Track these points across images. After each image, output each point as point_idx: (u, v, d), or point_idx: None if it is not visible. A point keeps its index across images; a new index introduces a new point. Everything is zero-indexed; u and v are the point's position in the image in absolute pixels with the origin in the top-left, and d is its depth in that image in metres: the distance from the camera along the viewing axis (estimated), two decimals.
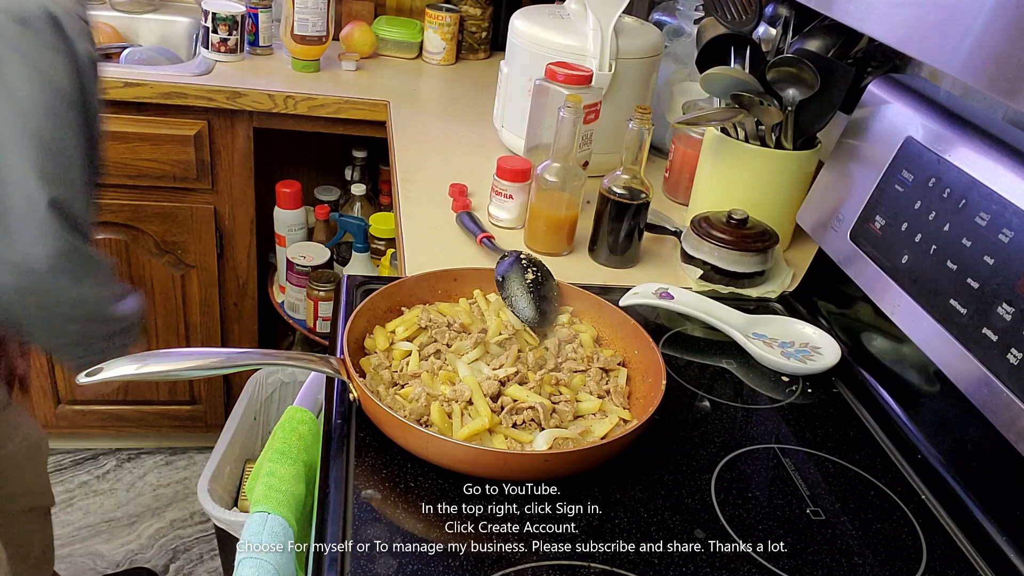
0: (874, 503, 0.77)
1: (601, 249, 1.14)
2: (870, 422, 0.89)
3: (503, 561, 0.66)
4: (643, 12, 1.78)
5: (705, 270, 1.09)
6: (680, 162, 1.33)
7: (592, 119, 1.23)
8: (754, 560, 0.69)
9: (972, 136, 0.84)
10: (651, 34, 1.38)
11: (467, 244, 1.14)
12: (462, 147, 1.50)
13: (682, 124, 1.14)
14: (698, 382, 0.92)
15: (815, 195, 1.06)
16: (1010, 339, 0.72)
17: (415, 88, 1.82)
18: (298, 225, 1.94)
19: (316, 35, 1.76)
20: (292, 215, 1.92)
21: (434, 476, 0.73)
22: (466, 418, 0.75)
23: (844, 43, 1.10)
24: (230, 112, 1.64)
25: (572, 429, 0.76)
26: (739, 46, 1.14)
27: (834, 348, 0.97)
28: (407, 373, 0.81)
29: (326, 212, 1.95)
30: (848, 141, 1.01)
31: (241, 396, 1.80)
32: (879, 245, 0.91)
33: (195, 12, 1.76)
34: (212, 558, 1.84)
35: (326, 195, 2.02)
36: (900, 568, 0.71)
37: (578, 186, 1.12)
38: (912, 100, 0.93)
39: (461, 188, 1.25)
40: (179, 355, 0.74)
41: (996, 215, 0.77)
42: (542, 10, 1.40)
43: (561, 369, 0.85)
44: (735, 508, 0.74)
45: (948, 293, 0.80)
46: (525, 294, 0.89)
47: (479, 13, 1.99)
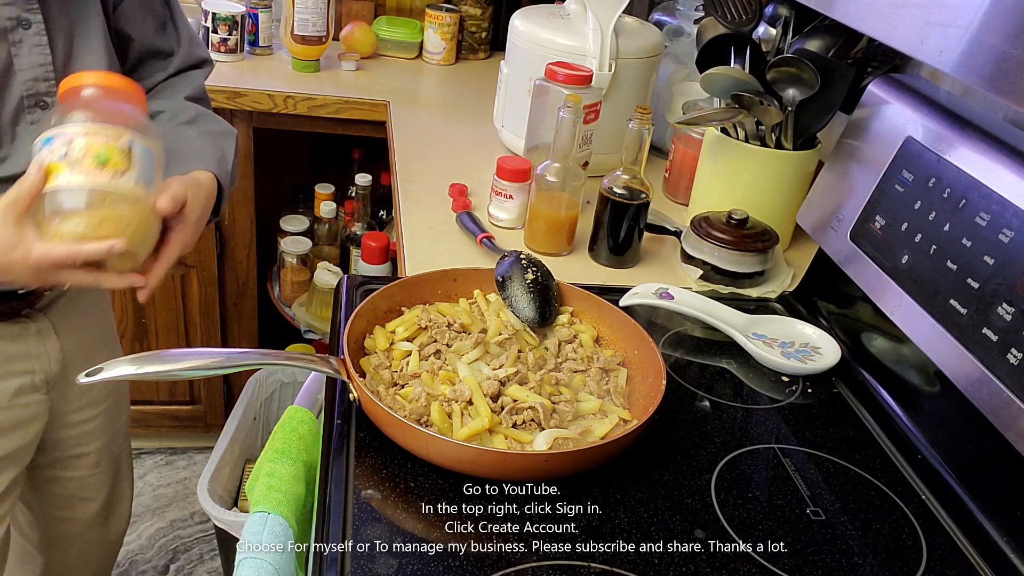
0: (874, 503, 0.77)
1: (601, 249, 1.14)
2: (870, 422, 0.88)
3: (503, 561, 0.66)
4: (643, 12, 1.78)
5: (705, 270, 1.09)
6: (680, 162, 1.33)
7: (592, 119, 1.23)
8: (754, 560, 0.69)
9: (972, 136, 0.84)
10: (651, 34, 1.38)
11: (467, 244, 1.14)
12: (462, 147, 1.50)
13: (682, 124, 1.14)
14: (698, 382, 0.92)
15: (815, 195, 1.06)
16: (1010, 339, 0.72)
17: (415, 88, 1.82)
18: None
19: (316, 35, 1.76)
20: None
21: (434, 476, 0.73)
22: (466, 418, 0.75)
23: (844, 43, 1.10)
24: (230, 112, 1.64)
25: (572, 429, 0.76)
26: (739, 46, 1.14)
27: (834, 348, 0.97)
28: (407, 373, 0.81)
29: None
30: (848, 141, 1.01)
31: (241, 396, 1.80)
32: (879, 245, 0.91)
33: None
34: (212, 558, 1.84)
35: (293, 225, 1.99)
36: (900, 568, 0.71)
37: (578, 186, 1.12)
38: (912, 100, 0.93)
39: (461, 188, 1.25)
40: (179, 355, 0.74)
41: (996, 215, 0.77)
42: (542, 10, 1.40)
43: (561, 369, 0.85)
44: (735, 508, 0.74)
45: (948, 293, 0.80)
46: (525, 294, 0.89)
47: (479, 13, 1.99)
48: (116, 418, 1.24)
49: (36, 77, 0.88)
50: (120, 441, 1.28)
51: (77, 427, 1.17)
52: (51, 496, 1.23)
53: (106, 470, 1.26)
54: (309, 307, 1.93)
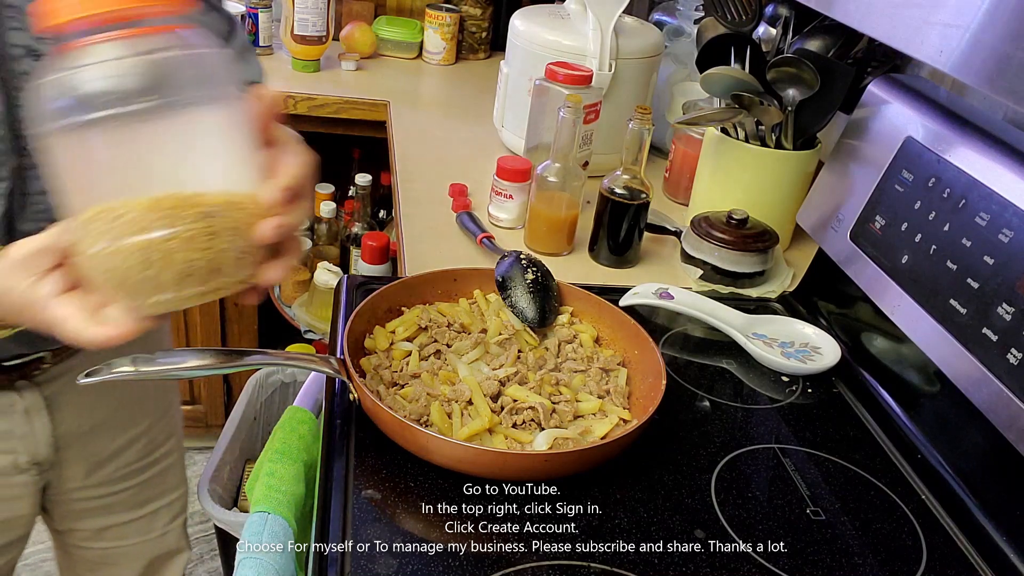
0: (874, 503, 0.77)
1: (601, 249, 1.14)
2: (870, 422, 0.88)
3: (503, 561, 0.66)
4: (643, 12, 1.78)
5: (705, 270, 1.09)
6: (680, 162, 1.33)
7: (592, 119, 1.23)
8: (754, 560, 0.69)
9: (972, 136, 0.84)
10: (651, 34, 1.38)
11: (467, 244, 1.14)
12: (462, 147, 1.50)
13: (682, 124, 1.14)
14: (698, 382, 0.92)
15: (815, 195, 1.06)
16: (1010, 339, 0.72)
17: (415, 88, 1.82)
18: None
19: (316, 35, 1.76)
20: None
21: (434, 476, 0.73)
22: (466, 418, 0.75)
23: (844, 43, 1.10)
24: None
25: (572, 429, 0.76)
26: (739, 46, 1.13)
27: (834, 348, 0.97)
28: (407, 373, 0.81)
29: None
30: (848, 141, 1.01)
31: (241, 396, 1.80)
32: (879, 245, 0.91)
33: None
34: (212, 558, 1.84)
35: None
36: (900, 568, 0.71)
37: (578, 186, 1.12)
38: (912, 100, 0.93)
39: (461, 188, 1.25)
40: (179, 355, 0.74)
41: (996, 215, 0.77)
42: (542, 10, 1.40)
43: (561, 369, 0.85)
44: (735, 508, 0.74)
45: (948, 293, 0.80)
46: (525, 294, 0.89)
47: (479, 13, 1.99)
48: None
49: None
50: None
51: (90, 501, 1.05)
52: (79, 560, 1.14)
53: (134, 546, 1.13)
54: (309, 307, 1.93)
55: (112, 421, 1.02)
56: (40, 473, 0.96)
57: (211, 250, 0.52)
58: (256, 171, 0.56)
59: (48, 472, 0.98)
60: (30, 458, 0.93)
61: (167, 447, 1.14)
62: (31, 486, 0.96)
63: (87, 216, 0.52)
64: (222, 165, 0.54)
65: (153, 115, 0.51)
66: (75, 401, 0.95)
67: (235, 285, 0.56)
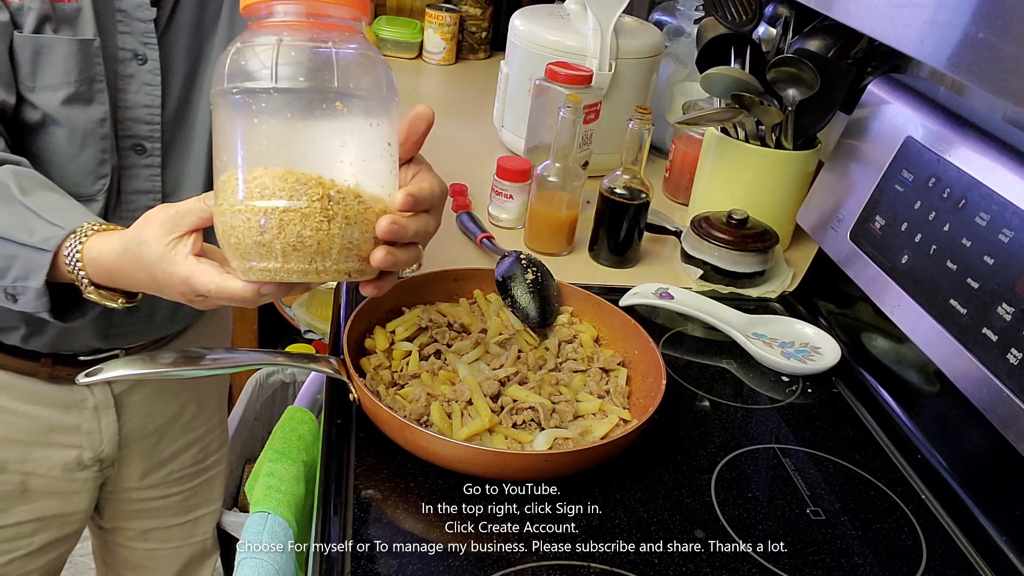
0: (874, 503, 0.77)
1: (601, 249, 1.14)
2: (870, 422, 0.88)
3: (503, 561, 0.66)
4: (643, 12, 1.78)
5: (705, 270, 1.09)
6: (680, 162, 1.33)
7: (592, 119, 1.23)
8: (754, 560, 0.69)
9: (972, 136, 0.84)
10: (651, 34, 1.38)
11: (467, 244, 1.14)
12: (462, 147, 1.49)
13: (682, 124, 1.14)
14: (698, 382, 0.92)
15: (815, 195, 1.06)
16: (1010, 339, 0.72)
17: (415, 88, 1.82)
18: None
19: None
20: None
21: (434, 476, 0.73)
22: (466, 418, 0.75)
23: (844, 43, 1.10)
24: None
25: (572, 429, 0.76)
26: (739, 46, 1.13)
27: (834, 348, 0.97)
28: (407, 373, 0.81)
29: None
30: (848, 141, 1.01)
31: (241, 396, 1.80)
32: (879, 245, 0.91)
33: None
34: None
35: None
36: (900, 568, 0.71)
37: (578, 186, 1.12)
38: (912, 100, 0.93)
39: (461, 188, 1.25)
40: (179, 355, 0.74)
41: (996, 215, 0.77)
42: (542, 10, 1.40)
43: (561, 369, 0.85)
44: (735, 508, 0.74)
45: (948, 293, 0.80)
46: (525, 294, 0.89)
47: (479, 13, 1.99)
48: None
49: (137, 119, 0.79)
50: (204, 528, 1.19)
51: (142, 503, 1.07)
52: (120, 559, 1.16)
53: (175, 550, 1.16)
54: (309, 307, 1.93)
55: (174, 424, 1.05)
56: (101, 470, 0.98)
57: (322, 231, 0.55)
58: (391, 179, 0.60)
59: (108, 470, 1.00)
60: (94, 454, 0.95)
61: (218, 456, 1.17)
62: (91, 482, 0.98)
63: (227, 175, 0.57)
64: (363, 163, 0.58)
65: (317, 101, 0.56)
66: (142, 401, 0.98)
67: (337, 275, 0.58)
